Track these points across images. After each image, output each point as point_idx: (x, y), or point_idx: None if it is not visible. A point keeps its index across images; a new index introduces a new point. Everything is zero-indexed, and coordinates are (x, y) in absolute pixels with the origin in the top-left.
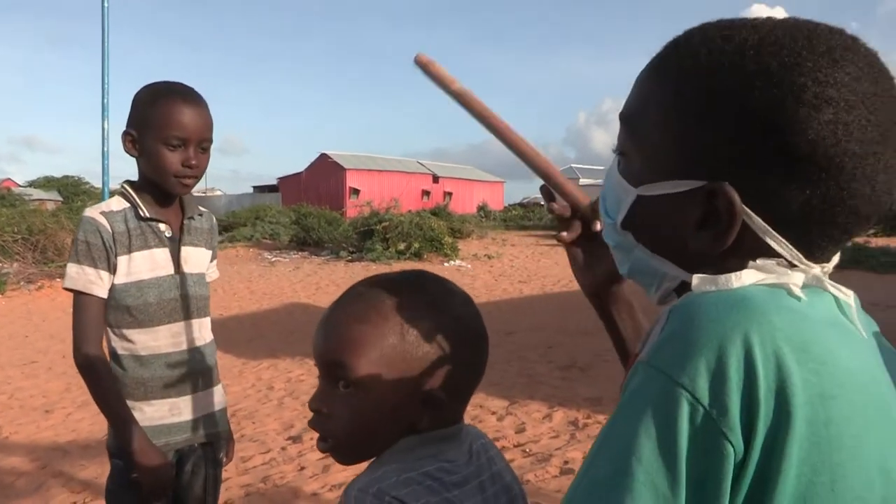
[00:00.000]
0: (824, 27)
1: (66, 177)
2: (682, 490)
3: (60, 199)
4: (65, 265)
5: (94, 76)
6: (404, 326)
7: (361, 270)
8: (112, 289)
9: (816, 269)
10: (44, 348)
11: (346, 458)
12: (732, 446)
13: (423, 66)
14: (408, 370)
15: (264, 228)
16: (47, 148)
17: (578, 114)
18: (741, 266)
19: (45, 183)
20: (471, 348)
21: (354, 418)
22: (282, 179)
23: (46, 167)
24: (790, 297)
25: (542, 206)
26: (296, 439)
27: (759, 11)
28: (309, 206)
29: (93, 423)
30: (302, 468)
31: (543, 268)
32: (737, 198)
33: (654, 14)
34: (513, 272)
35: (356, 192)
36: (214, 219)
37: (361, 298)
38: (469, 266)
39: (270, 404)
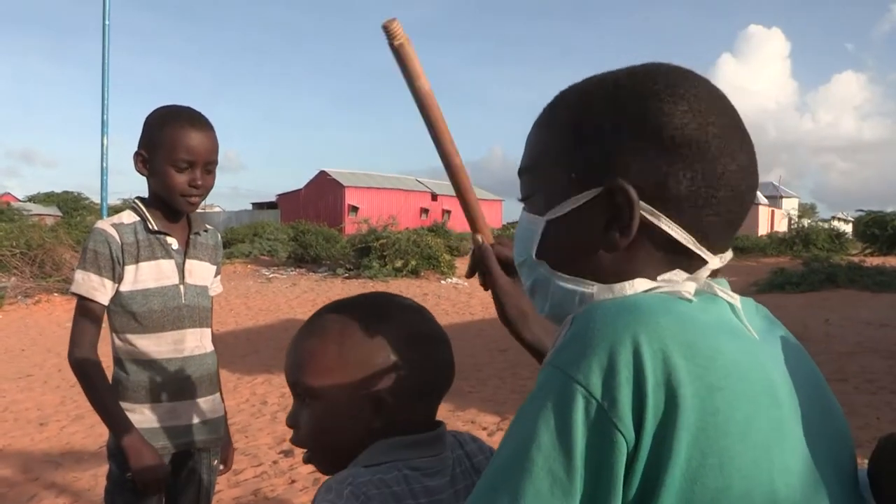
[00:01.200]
0: (662, 63)
1: (66, 192)
2: (579, 475)
3: (60, 214)
4: (62, 280)
5: (92, 91)
6: (343, 335)
7: (358, 287)
8: (119, 295)
9: (714, 260)
10: (40, 362)
11: (323, 467)
12: (623, 435)
13: (397, 47)
14: (351, 375)
15: (262, 245)
16: (45, 162)
17: None
18: (647, 266)
19: (45, 198)
20: (414, 348)
21: (314, 426)
22: (281, 196)
23: (44, 181)
24: (680, 302)
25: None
26: (288, 453)
27: (756, 32)
28: (307, 223)
29: (86, 436)
30: (293, 481)
31: None
32: (631, 188)
33: (647, 34)
34: None
35: (355, 209)
36: (220, 236)
37: (310, 321)
38: (466, 284)
39: (264, 419)
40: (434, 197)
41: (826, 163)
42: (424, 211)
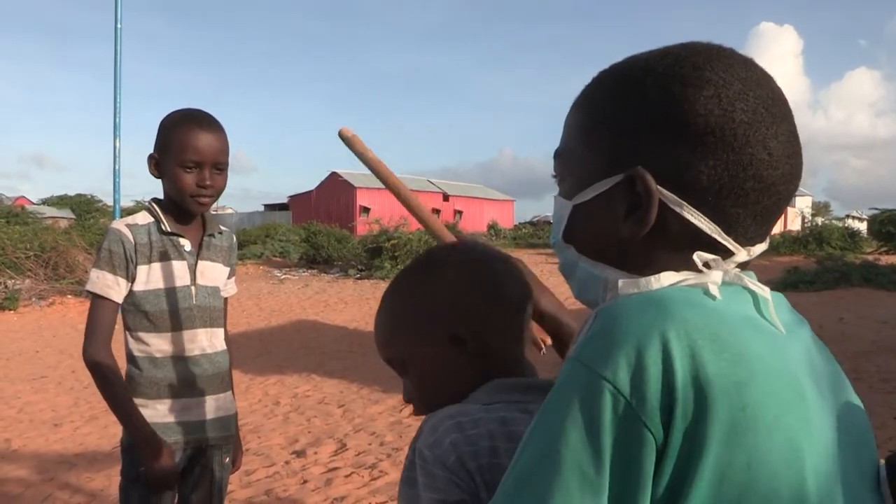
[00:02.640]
0: (702, 42)
1: (79, 195)
2: (607, 473)
3: (73, 216)
4: (76, 282)
5: (104, 95)
6: (394, 301)
7: (370, 288)
8: (132, 295)
9: (742, 253)
10: (54, 363)
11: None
12: (651, 433)
13: (346, 140)
14: (418, 331)
15: (274, 246)
16: (57, 166)
17: None
18: (673, 256)
19: (59, 201)
20: (473, 273)
21: (420, 393)
22: (292, 198)
23: (57, 185)
24: (706, 296)
25: (552, 224)
26: (300, 454)
27: (768, 29)
28: (319, 224)
29: (100, 437)
30: (305, 482)
31: (551, 286)
32: (650, 177)
33: (659, 34)
34: None
35: (366, 210)
36: (235, 238)
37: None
38: None
39: (276, 419)
40: (446, 197)
41: (839, 160)
42: (436, 211)
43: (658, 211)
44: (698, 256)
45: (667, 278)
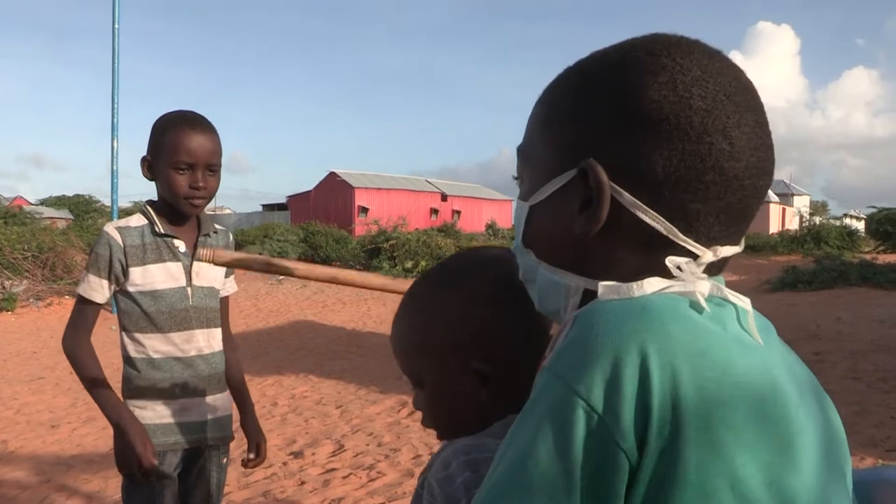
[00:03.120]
0: (668, 33)
1: (77, 195)
2: (577, 493)
3: (71, 217)
4: (73, 282)
5: (101, 95)
6: (412, 315)
7: None
8: (128, 296)
9: (707, 254)
10: (51, 364)
11: (448, 437)
12: (624, 452)
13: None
14: (439, 355)
15: (273, 246)
16: (55, 165)
17: None
18: (633, 257)
19: (57, 201)
20: (493, 305)
21: (427, 409)
22: (291, 198)
23: (55, 185)
24: (689, 307)
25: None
26: (297, 455)
27: (765, 28)
28: (317, 225)
29: (98, 438)
30: (302, 483)
31: None
32: (601, 170)
33: (656, 29)
34: None
35: (365, 210)
36: (231, 237)
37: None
38: None
39: (274, 420)
40: (444, 197)
41: (837, 160)
42: (434, 211)
43: (613, 208)
44: (670, 261)
45: (650, 285)
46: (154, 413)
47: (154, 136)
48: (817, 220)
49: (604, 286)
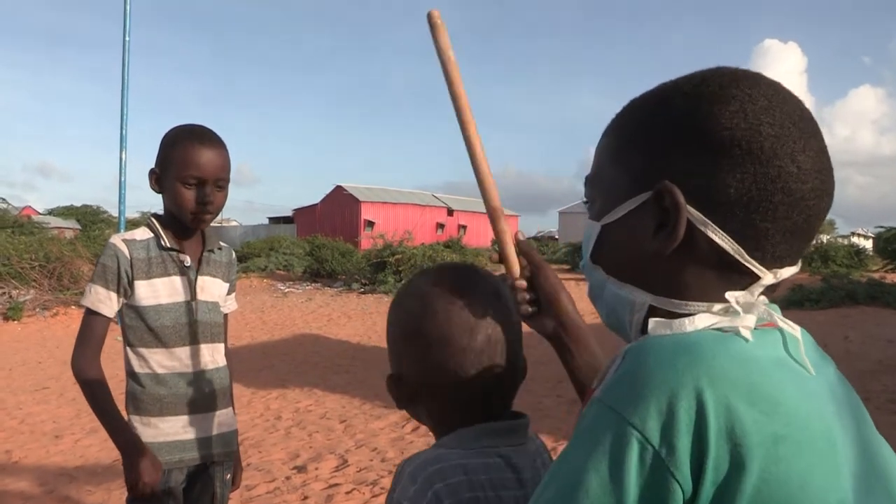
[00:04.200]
0: (731, 66)
1: (85, 205)
2: None
3: (79, 227)
4: (80, 293)
5: (110, 106)
6: (394, 322)
7: (373, 302)
8: (132, 311)
9: (768, 276)
10: (56, 374)
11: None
12: (679, 485)
13: (433, 26)
14: (408, 367)
15: (278, 259)
16: (62, 176)
17: (589, 148)
18: (700, 277)
19: (65, 211)
20: (428, 307)
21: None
22: (297, 211)
23: (63, 195)
24: (739, 340)
25: (556, 239)
26: (301, 469)
27: (771, 46)
28: (323, 238)
29: (101, 450)
30: (305, 497)
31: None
32: (677, 190)
33: (662, 50)
34: None
35: (371, 224)
36: (234, 254)
37: None
38: None
39: (277, 434)
40: (450, 212)
41: (844, 177)
42: (440, 226)
43: (686, 229)
44: (731, 295)
45: (701, 321)
46: (157, 430)
47: (163, 150)
48: (825, 238)
49: (655, 321)
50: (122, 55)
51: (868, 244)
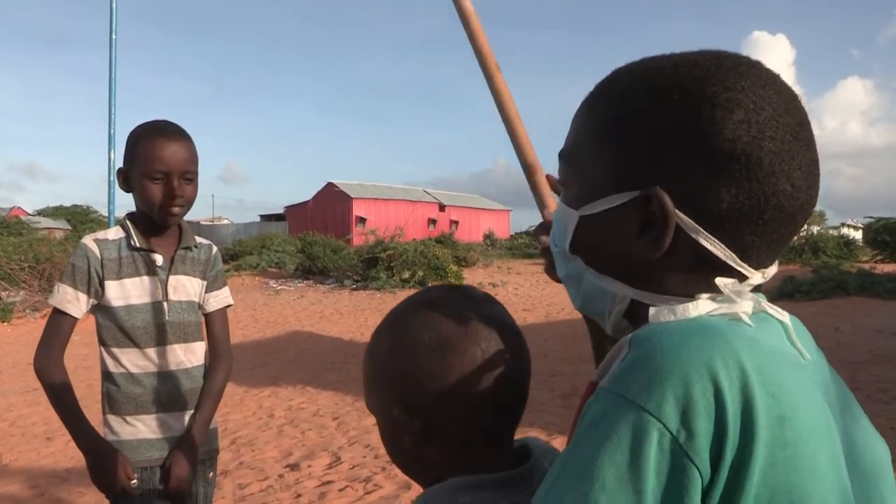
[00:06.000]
0: (730, 52)
1: (75, 206)
2: None
3: (69, 227)
4: None
5: (98, 102)
6: (372, 352)
7: (366, 299)
8: (104, 311)
9: (756, 276)
10: None
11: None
12: (699, 471)
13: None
14: (382, 396)
15: (270, 257)
16: (48, 175)
17: None
18: (683, 277)
19: (54, 212)
20: (446, 358)
21: (384, 441)
22: (289, 208)
23: (50, 195)
24: (742, 325)
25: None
26: (294, 467)
27: (760, 38)
28: (315, 235)
29: None
30: (298, 495)
31: (548, 296)
32: (668, 199)
33: (652, 42)
34: (517, 300)
35: (363, 220)
36: (214, 250)
37: None
38: None
39: (270, 432)
40: (442, 207)
41: (833, 169)
42: (432, 221)
43: (673, 233)
44: (720, 282)
45: (704, 306)
46: (134, 429)
47: (128, 147)
48: (815, 229)
49: (657, 309)
50: (109, 53)
51: (858, 235)
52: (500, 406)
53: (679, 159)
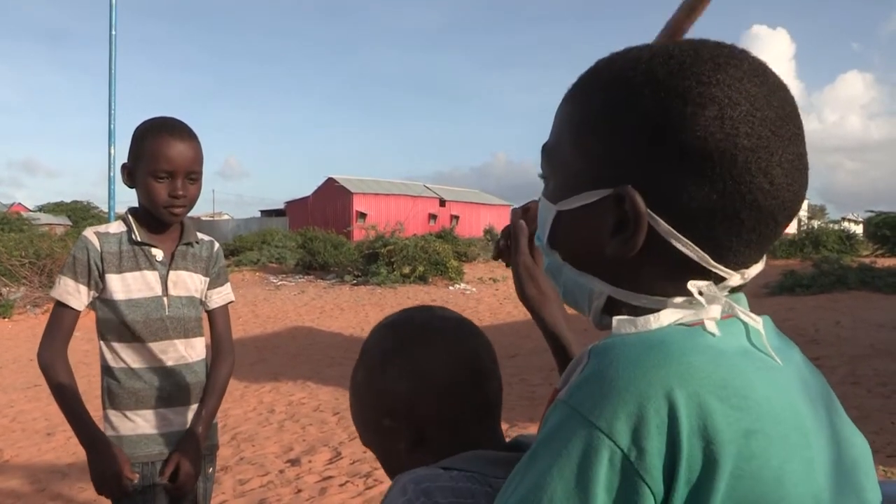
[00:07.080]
0: (713, 42)
1: (76, 201)
2: None
3: (70, 223)
4: None
5: (94, 97)
6: (358, 373)
7: (366, 294)
8: (104, 305)
9: (735, 277)
10: None
11: None
12: (650, 489)
13: None
14: (370, 410)
15: (270, 252)
16: (47, 171)
17: None
18: (657, 275)
19: (55, 207)
20: (405, 355)
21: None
22: (289, 203)
23: (54, 191)
24: (705, 334)
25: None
26: (294, 462)
27: (760, 32)
28: (315, 230)
29: None
30: (299, 491)
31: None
32: (640, 200)
33: (649, 36)
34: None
35: (363, 215)
36: (216, 246)
37: None
38: (474, 289)
39: (271, 427)
40: (442, 203)
41: (833, 163)
42: (433, 217)
43: (646, 234)
44: (692, 286)
45: (666, 317)
46: (135, 424)
47: (134, 143)
48: (815, 223)
49: (619, 320)
50: (108, 48)
51: (858, 229)
52: (468, 393)
53: (652, 157)
